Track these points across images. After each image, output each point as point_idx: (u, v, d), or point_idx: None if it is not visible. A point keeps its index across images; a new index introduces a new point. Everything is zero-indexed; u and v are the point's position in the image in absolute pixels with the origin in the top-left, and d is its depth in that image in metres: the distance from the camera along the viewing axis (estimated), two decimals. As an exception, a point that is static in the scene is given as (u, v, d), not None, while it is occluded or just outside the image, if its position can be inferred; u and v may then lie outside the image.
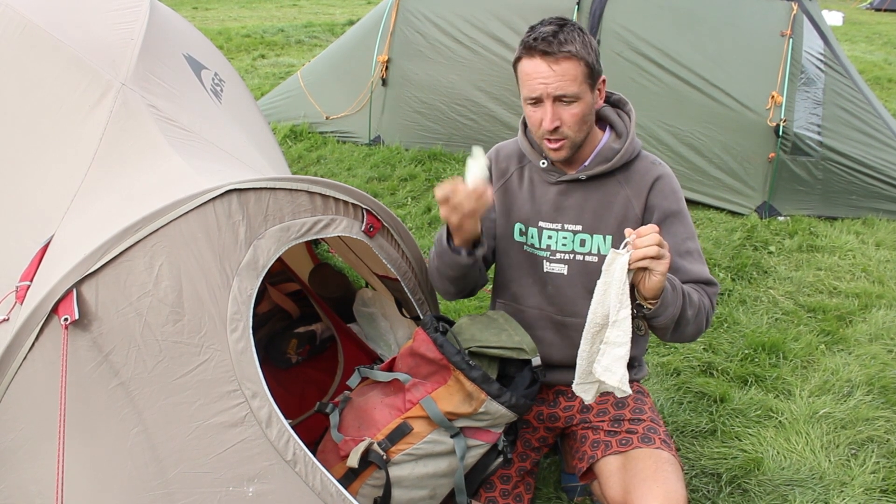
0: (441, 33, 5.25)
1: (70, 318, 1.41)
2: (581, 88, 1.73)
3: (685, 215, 1.89)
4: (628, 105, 1.93)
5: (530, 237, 1.96)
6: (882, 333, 3.21)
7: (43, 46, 2.24)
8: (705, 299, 1.82)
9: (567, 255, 1.92)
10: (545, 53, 1.70)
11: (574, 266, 1.92)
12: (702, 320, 1.80)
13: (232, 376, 1.52)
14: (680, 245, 1.85)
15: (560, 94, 1.72)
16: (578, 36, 1.71)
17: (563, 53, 1.69)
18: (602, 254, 1.89)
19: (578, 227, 1.91)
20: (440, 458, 1.79)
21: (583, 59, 1.71)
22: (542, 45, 1.70)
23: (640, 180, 1.87)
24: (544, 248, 1.94)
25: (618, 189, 1.88)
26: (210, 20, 13.22)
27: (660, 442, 1.81)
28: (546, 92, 1.73)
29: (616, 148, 1.86)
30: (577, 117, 1.76)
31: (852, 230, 4.32)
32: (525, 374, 1.86)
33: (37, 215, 1.95)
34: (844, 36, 12.33)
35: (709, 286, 1.85)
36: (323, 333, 2.99)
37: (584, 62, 1.72)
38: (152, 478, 1.47)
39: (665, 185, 1.87)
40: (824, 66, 4.54)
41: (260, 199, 1.65)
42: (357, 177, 5.05)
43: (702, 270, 1.85)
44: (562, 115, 1.75)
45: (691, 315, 1.74)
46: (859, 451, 2.47)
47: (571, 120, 1.76)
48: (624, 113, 1.93)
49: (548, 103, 1.74)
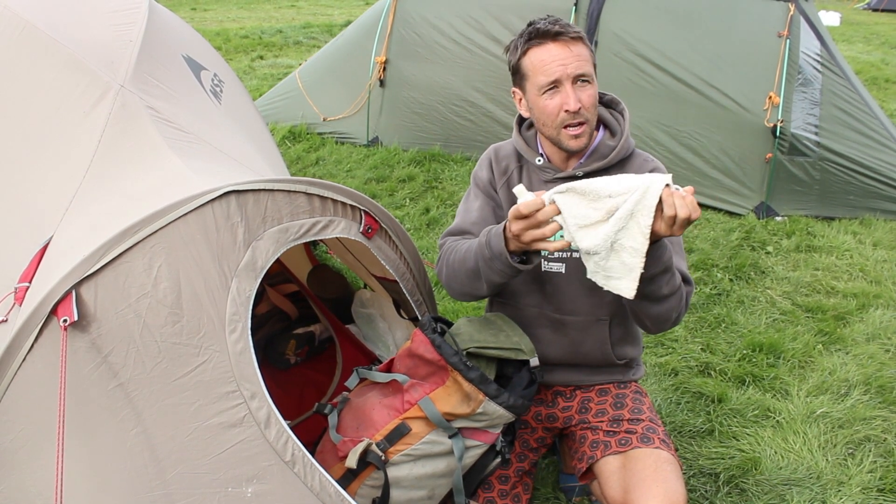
0: (438, 34, 5.26)
1: (69, 319, 1.42)
2: (592, 70, 1.80)
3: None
4: (621, 104, 1.95)
5: None
6: (879, 333, 3.22)
7: (41, 48, 2.24)
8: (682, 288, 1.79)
9: (564, 253, 1.92)
10: (558, 36, 1.75)
11: (572, 264, 1.92)
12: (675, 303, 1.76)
13: (231, 377, 1.53)
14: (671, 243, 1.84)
15: (579, 73, 1.76)
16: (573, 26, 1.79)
17: (575, 35, 1.76)
18: None
19: None
20: (438, 459, 1.79)
21: (587, 44, 1.79)
22: (554, 30, 1.75)
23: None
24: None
25: None
26: (208, 21, 13.21)
27: (659, 442, 1.82)
28: (565, 73, 1.75)
29: (611, 145, 1.88)
30: (593, 98, 1.80)
31: (849, 230, 4.33)
32: (523, 374, 1.86)
33: (35, 216, 1.95)
34: (842, 36, 12.34)
35: (686, 284, 1.83)
36: (321, 334, 2.99)
37: (588, 48, 1.79)
38: (151, 478, 1.47)
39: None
40: (821, 66, 4.56)
41: (258, 201, 1.66)
42: (355, 178, 5.05)
43: (682, 265, 1.86)
44: (581, 97, 1.77)
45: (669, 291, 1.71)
46: (856, 450, 2.48)
47: (589, 101, 1.79)
48: (617, 112, 1.95)
49: (567, 84, 1.76)
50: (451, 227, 1.99)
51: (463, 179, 4.96)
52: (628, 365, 2.05)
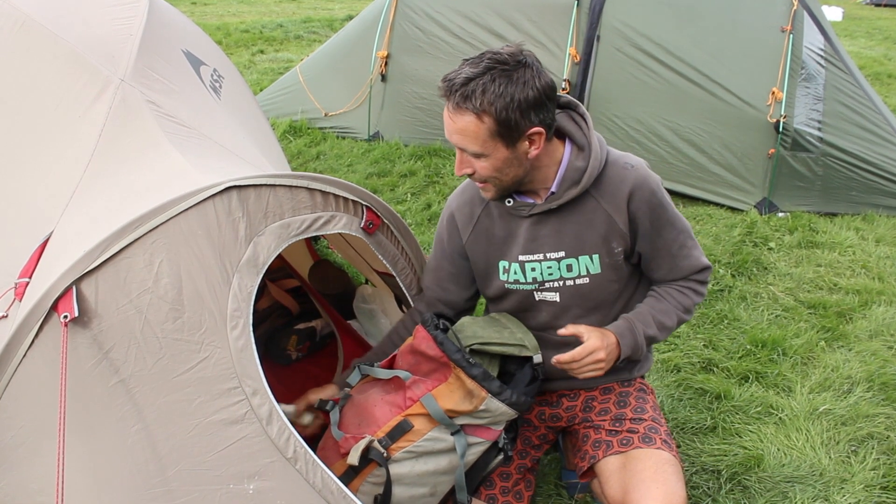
0: (440, 29, 5.24)
1: (70, 315, 1.41)
2: (487, 146, 1.60)
3: (671, 213, 1.80)
4: (580, 107, 1.76)
5: (513, 273, 1.87)
6: (882, 330, 3.21)
7: (41, 42, 2.23)
8: (687, 298, 1.88)
9: (556, 282, 1.85)
10: (448, 98, 1.59)
11: (566, 292, 1.86)
12: (687, 318, 1.90)
13: (232, 373, 1.52)
14: (672, 246, 1.83)
15: (461, 148, 1.64)
16: (497, 86, 1.53)
17: (461, 108, 1.56)
18: (592, 273, 1.82)
19: (561, 253, 1.81)
20: (441, 456, 1.79)
21: (489, 116, 1.55)
22: (446, 92, 1.58)
23: (615, 192, 1.74)
24: (530, 281, 1.86)
25: (595, 206, 1.77)
26: (209, 15, 13.18)
27: (660, 442, 1.81)
28: (450, 140, 1.65)
29: (581, 167, 1.72)
30: (487, 170, 1.65)
31: (852, 226, 4.32)
32: (525, 371, 1.85)
33: (35, 211, 1.95)
34: (844, 31, 12.31)
35: (699, 273, 1.87)
36: (323, 330, 2.98)
37: (493, 119, 1.55)
38: (152, 475, 1.46)
39: (644, 191, 1.74)
40: (825, 61, 4.54)
41: (260, 196, 1.65)
42: (357, 173, 5.04)
43: (694, 263, 1.85)
44: (473, 164, 1.66)
45: (668, 333, 1.87)
46: (859, 447, 2.47)
47: (483, 171, 1.66)
48: (578, 116, 1.77)
49: (457, 150, 1.67)
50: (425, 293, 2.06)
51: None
52: (632, 361, 2.03)
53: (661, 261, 1.85)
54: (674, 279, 1.89)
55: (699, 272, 1.87)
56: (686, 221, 1.86)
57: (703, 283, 1.90)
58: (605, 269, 1.83)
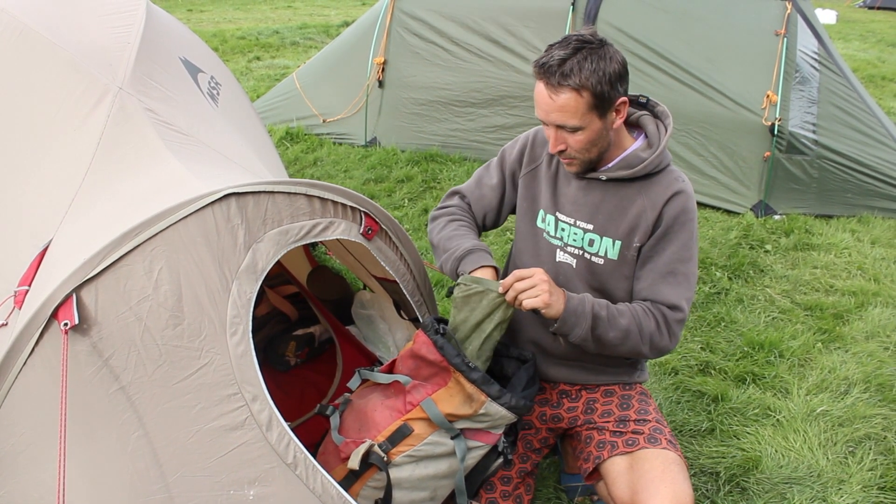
0: (436, 35, 5.26)
1: (70, 323, 1.41)
2: (584, 119, 1.71)
3: (686, 239, 1.84)
4: (669, 118, 1.89)
5: (548, 224, 1.97)
6: (878, 331, 3.23)
7: (39, 50, 2.24)
8: (649, 322, 1.80)
9: (577, 249, 1.92)
10: (547, 82, 1.69)
11: (581, 262, 1.92)
12: (637, 343, 1.80)
13: (232, 380, 1.52)
14: (668, 264, 1.83)
15: (559, 125, 1.73)
16: (590, 62, 1.66)
17: (563, 86, 1.67)
18: (609, 257, 1.88)
19: (590, 226, 1.89)
20: (441, 460, 1.79)
21: (587, 90, 1.67)
22: (545, 73, 1.69)
23: (660, 192, 1.84)
24: (558, 237, 1.95)
25: (635, 197, 1.85)
26: (205, 22, 13.19)
27: (666, 442, 1.82)
28: (548, 119, 1.74)
29: (642, 157, 1.83)
30: (581, 143, 1.76)
31: (848, 228, 4.34)
32: (521, 373, 1.86)
33: (34, 219, 1.95)
34: (838, 34, 12.36)
35: (671, 310, 1.81)
36: (321, 336, 2.99)
37: (590, 92, 1.68)
38: (153, 482, 1.47)
39: (681, 202, 1.83)
40: (819, 64, 4.56)
41: (258, 203, 1.66)
42: (354, 179, 5.05)
43: (671, 295, 1.81)
44: (566, 140, 1.76)
45: (614, 337, 1.79)
46: (857, 448, 2.48)
47: (577, 145, 1.76)
48: (662, 125, 1.90)
49: (551, 128, 1.76)
50: (462, 188, 2.15)
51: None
52: (633, 365, 2.05)
53: (647, 272, 1.85)
54: (646, 298, 1.85)
55: (671, 308, 1.82)
56: (695, 269, 1.87)
57: (669, 325, 1.81)
58: (620, 260, 1.87)
